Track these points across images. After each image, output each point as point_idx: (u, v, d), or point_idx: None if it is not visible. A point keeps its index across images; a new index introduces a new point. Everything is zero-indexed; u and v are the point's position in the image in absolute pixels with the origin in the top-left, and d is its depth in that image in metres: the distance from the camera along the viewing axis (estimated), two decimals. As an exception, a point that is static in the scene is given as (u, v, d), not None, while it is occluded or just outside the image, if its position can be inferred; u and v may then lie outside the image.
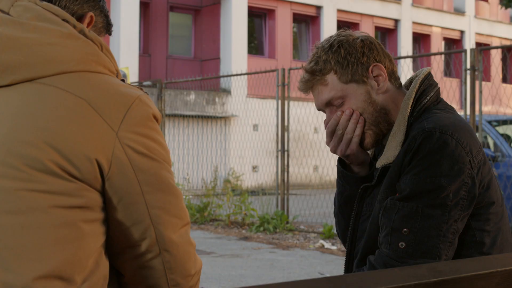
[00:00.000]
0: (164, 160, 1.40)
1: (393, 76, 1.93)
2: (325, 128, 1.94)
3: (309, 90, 1.93)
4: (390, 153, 1.82)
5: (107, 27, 1.62)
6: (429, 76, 1.91)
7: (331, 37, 1.93)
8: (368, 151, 2.01)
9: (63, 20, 1.43)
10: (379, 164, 1.86)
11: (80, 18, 1.53)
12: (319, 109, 1.95)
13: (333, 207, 2.11)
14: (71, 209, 1.31)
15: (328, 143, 1.95)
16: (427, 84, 1.89)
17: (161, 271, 1.40)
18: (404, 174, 1.74)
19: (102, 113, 1.33)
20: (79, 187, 1.32)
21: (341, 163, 2.02)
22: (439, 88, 1.91)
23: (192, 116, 16.94)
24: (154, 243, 1.38)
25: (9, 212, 1.29)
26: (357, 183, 1.97)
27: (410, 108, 1.84)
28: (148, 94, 1.45)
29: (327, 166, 12.87)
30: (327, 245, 8.35)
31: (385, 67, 1.90)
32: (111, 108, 1.34)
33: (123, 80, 1.46)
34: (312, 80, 1.90)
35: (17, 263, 1.28)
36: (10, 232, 1.29)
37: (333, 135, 1.92)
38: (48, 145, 1.30)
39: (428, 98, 1.86)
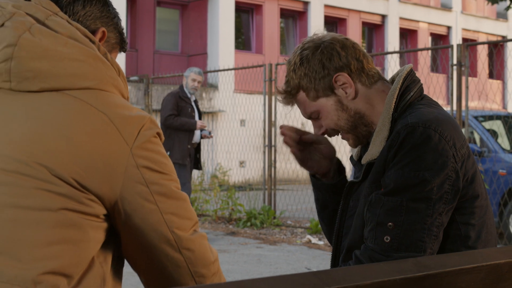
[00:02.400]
0: (170, 172, 1.52)
1: (364, 73, 1.91)
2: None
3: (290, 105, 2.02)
4: (375, 149, 1.83)
5: (121, 44, 1.70)
6: (411, 72, 1.92)
7: (298, 47, 1.96)
8: (355, 155, 2.07)
9: (91, 41, 1.53)
10: (365, 160, 1.87)
11: (92, 33, 1.60)
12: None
13: None
14: (79, 213, 1.40)
15: None
16: (410, 80, 1.90)
17: (185, 268, 1.52)
18: (389, 169, 1.75)
19: (121, 129, 1.44)
20: (88, 197, 1.40)
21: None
22: (422, 84, 1.92)
23: (179, 112, 16.86)
24: (173, 244, 1.49)
25: (26, 207, 1.36)
26: (327, 190, 2.08)
27: (394, 104, 1.85)
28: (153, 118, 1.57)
29: (314, 161, 12.82)
30: (314, 240, 8.37)
31: (351, 70, 1.89)
32: (127, 126, 1.45)
33: None
34: (288, 98, 1.99)
35: (30, 256, 1.35)
36: (25, 227, 1.36)
37: None
38: (67, 155, 1.38)
39: (411, 94, 1.87)
